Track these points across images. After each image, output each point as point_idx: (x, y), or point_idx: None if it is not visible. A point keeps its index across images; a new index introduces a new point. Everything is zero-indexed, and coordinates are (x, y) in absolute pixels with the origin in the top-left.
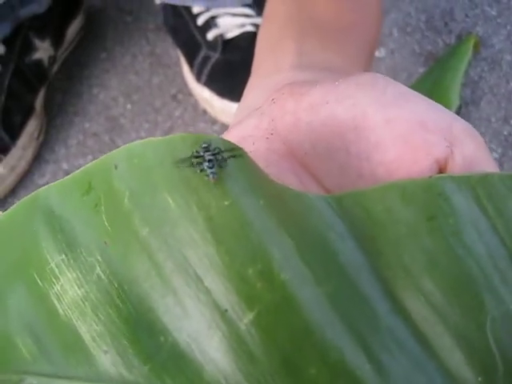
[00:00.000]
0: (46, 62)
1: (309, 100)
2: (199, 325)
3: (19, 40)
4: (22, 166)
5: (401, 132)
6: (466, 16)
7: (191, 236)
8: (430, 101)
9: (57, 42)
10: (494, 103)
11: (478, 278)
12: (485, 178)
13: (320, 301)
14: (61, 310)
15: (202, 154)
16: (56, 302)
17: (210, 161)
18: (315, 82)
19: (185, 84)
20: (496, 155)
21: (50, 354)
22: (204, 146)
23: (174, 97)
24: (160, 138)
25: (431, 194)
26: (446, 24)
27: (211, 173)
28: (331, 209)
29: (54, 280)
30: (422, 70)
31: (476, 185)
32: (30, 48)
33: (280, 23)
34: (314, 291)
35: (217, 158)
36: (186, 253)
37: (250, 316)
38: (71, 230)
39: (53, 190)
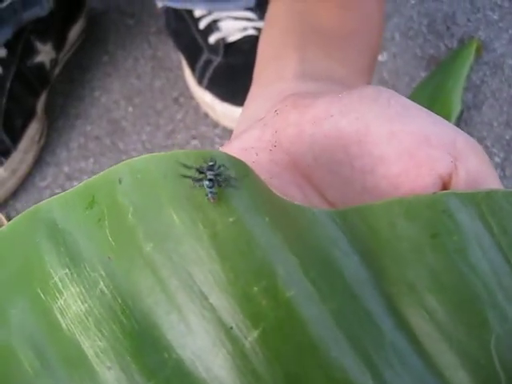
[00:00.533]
0: (47, 65)
1: (312, 112)
2: (204, 342)
3: (21, 43)
4: (23, 169)
5: (405, 146)
6: (468, 20)
7: (196, 252)
8: (434, 114)
9: (59, 45)
10: (496, 107)
11: (482, 295)
12: (489, 195)
13: (325, 318)
14: (64, 325)
15: (204, 171)
16: (59, 316)
17: (210, 180)
18: (319, 94)
19: (186, 87)
20: (498, 159)
21: (53, 368)
22: (210, 163)
23: (176, 100)
24: (163, 153)
25: (435, 210)
26: (448, 28)
27: (210, 192)
28: (335, 224)
29: (57, 294)
30: (424, 74)
31: (480, 201)
32: (31, 51)
33: (282, 30)
34: (319, 308)
35: (218, 178)
36: (191, 269)
37: (255, 334)
38: (74, 243)
39: (55, 203)
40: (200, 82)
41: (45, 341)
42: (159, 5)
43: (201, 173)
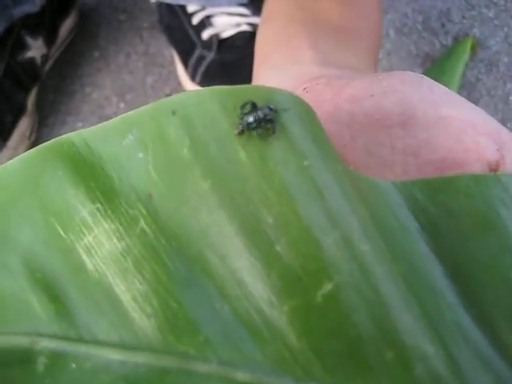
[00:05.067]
0: (38, 60)
1: (351, 92)
2: (266, 294)
3: (11, 38)
4: None
5: (452, 131)
6: (463, 17)
7: (265, 193)
8: (475, 106)
9: (50, 41)
10: (491, 105)
11: None
12: None
13: (397, 280)
14: (90, 265)
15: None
16: (85, 255)
17: (255, 120)
18: (352, 76)
19: (179, 84)
20: None
21: (72, 314)
22: (270, 105)
23: (168, 96)
24: (229, 86)
25: (496, 190)
26: (442, 25)
27: (252, 128)
28: (398, 194)
29: (84, 230)
30: (419, 71)
31: None
32: (22, 46)
33: (285, 22)
34: (391, 268)
35: (268, 117)
36: (257, 212)
37: (329, 286)
38: (107, 178)
39: (83, 135)
40: (193, 78)
41: (62, 283)
42: (152, 0)
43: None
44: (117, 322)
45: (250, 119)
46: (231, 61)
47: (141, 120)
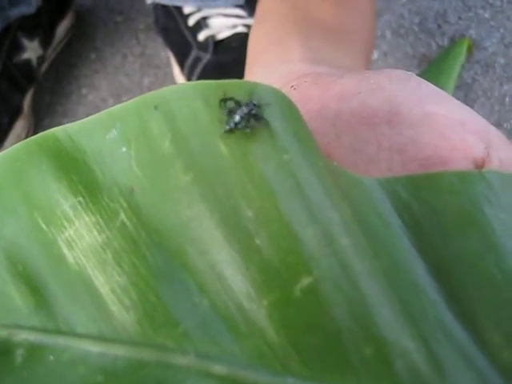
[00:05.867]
0: (34, 62)
1: (338, 89)
2: (246, 288)
3: (7, 39)
4: None
5: (438, 128)
6: (460, 18)
7: (245, 187)
8: (464, 105)
9: (46, 42)
10: (488, 106)
11: None
12: None
13: (378, 276)
14: (71, 258)
15: (242, 104)
16: (66, 248)
17: (241, 116)
18: (341, 74)
19: None
20: None
21: (52, 306)
22: (253, 100)
23: None
24: (212, 81)
25: (481, 187)
26: (439, 26)
27: (235, 125)
28: (381, 191)
29: (65, 223)
30: (415, 72)
31: None
32: (18, 48)
33: (278, 22)
34: (372, 264)
35: (254, 112)
36: (238, 205)
37: (307, 280)
38: (90, 172)
39: (68, 130)
40: (189, 79)
41: (43, 276)
42: (148, 1)
43: (239, 105)
44: (96, 315)
45: (237, 118)
46: (227, 62)
47: (125, 114)
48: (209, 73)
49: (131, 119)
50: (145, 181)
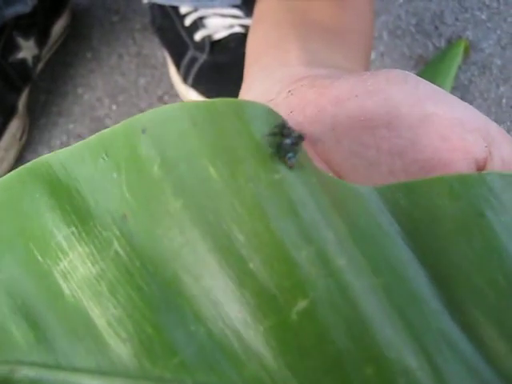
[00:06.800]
0: (30, 61)
1: (334, 92)
2: (241, 313)
3: (3, 39)
4: (4, 167)
5: (438, 129)
6: (456, 20)
7: (236, 210)
8: (463, 101)
9: (41, 41)
10: (484, 107)
11: None
12: None
13: (377, 293)
14: (67, 290)
15: (284, 132)
16: (61, 280)
17: (292, 144)
18: (338, 76)
19: (171, 85)
20: None
21: (51, 341)
22: (287, 127)
23: (161, 98)
24: (199, 101)
25: (481, 190)
26: (436, 27)
27: (292, 157)
28: (380, 200)
29: (60, 255)
30: (412, 73)
31: None
32: (13, 47)
33: (276, 23)
34: (371, 281)
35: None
36: (229, 230)
37: (303, 304)
38: (82, 201)
39: (60, 157)
40: (185, 79)
41: (41, 309)
42: (145, 1)
43: (278, 134)
44: (93, 348)
45: (290, 154)
46: (224, 62)
47: (114, 139)
48: (205, 73)
49: (120, 143)
50: (136, 207)
